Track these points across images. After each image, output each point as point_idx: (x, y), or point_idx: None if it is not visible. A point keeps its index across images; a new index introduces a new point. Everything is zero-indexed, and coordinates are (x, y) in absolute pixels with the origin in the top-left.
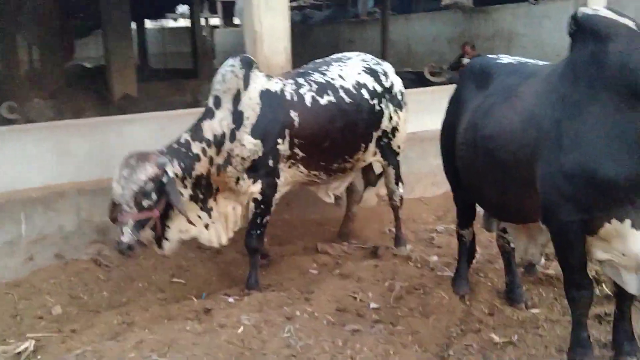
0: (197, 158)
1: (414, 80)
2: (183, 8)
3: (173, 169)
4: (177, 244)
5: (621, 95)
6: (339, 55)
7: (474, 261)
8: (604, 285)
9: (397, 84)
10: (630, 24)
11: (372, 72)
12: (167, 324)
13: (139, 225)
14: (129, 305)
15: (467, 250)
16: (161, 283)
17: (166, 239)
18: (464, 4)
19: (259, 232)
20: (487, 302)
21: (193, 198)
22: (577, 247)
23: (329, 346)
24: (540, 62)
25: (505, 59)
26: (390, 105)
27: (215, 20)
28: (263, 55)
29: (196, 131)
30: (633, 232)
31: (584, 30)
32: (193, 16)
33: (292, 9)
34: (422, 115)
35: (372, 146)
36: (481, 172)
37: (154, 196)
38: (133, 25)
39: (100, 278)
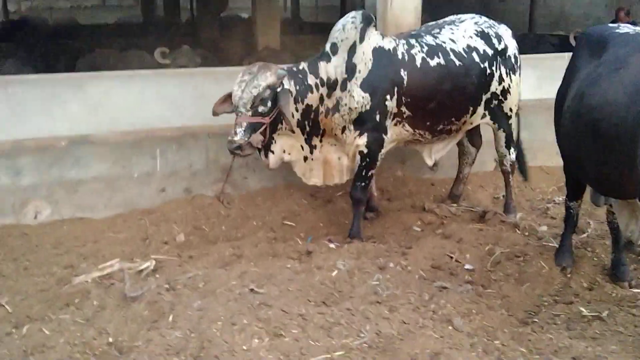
0: (309, 89)
1: (556, 45)
2: None
3: (289, 85)
4: (279, 159)
5: None
6: (453, 17)
7: (585, 235)
8: None
9: (511, 47)
10: None
11: (484, 35)
12: (271, 260)
13: (252, 128)
14: (242, 240)
15: (573, 222)
16: (274, 223)
17: (271, 152)
18: None
19: (363, 184)
20: (589, 276)
21: (300, 125)
22: None
23: (414, 298)
24: None
25: (624, 28)
26: (503, 68)
27: None
28: (392, 13)
29: (313, 66)
30: None
31: None
32: None
33: None
34: (553, 81)
35: (480, 109)
36: (583, 143)
37: (269, 103)
38: None
39: (221, 213)
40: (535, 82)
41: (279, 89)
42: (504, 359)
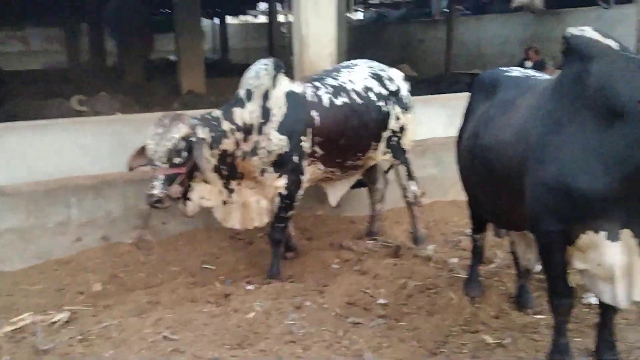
0: (224, 135)
1: (469, 83)
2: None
3: (203, 133)
4: (197, 206)
5: (599, 114)
6: (347, 62)
7: (493, 265)
8: None
9: (403, 88)
10: (613, 44)
11: (378, 77)
12: (188, 306)
13: (169, 180)
14: (160, 286)
15: (479, 254)
16: (193, 268)
17: (188, 199)
18: (536, 6)
19: (282, 225)
20: (496, 305)
21: (217, 170)
22: (558, 256)
23: (329, 335)
24: (544, 77)
25: (514, 72)
26: (397, 107)
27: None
28: (309, 59)
29: (227, 112)
30: (607, 244)
31: (571, 49)
32: (271, 12)
33: (370, 6)
34: (458, 119)
35: (382, 145)
36: (479, 180)
37: (184, 154)
38: (214, 21)
39: (139, 260)
40: (447, 120)
41: (193, 139)
42: None
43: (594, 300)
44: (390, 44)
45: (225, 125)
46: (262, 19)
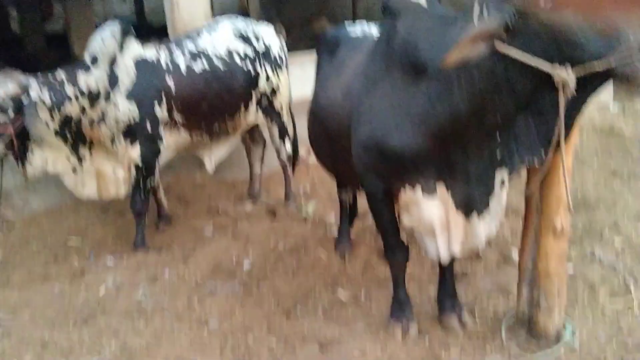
0: (67, 99)
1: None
2: None
3: (41, 95)
4: (38, 171)
5: (405, 71)
6: (210, 22)
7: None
8: None
9: (275, 46)
10: (423, 1)
11: (243, 37)
12: (38, 286)
13: None
14: (16, 266)
15: (346, 211)
16: (56, 245)
17: (29, 163)
18: None
19: (142, 196)
20: (363, 261)
21: (60, 135)
22: (385, 212)
23: (182, 306)
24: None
25: (355, 29)
26: (267, 67)
27: None
28: (181, 19)
29: (71, 75)
30: (423, 199)
31: (385, 8)
32: None
33: None
34: None
35: (252, 107)
36: (320, 140)
37: (10, 113)
38: None
39: None
40: None
41: (24, 99)
42: (251, 354)
43: None
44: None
45: (69, 90)
46: None
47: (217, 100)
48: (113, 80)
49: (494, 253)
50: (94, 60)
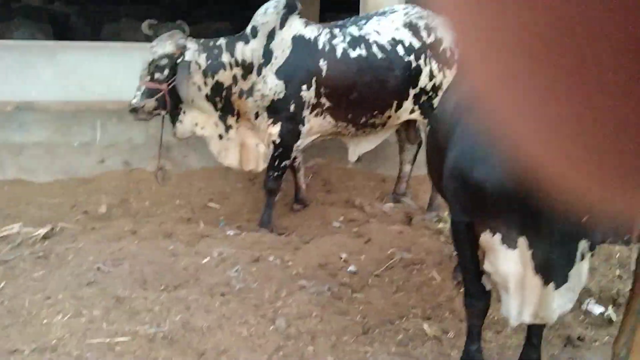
0: (222, 66)
1: None
2: None
3: (197, 58)
4: (188, 131)
5: None
6: (386, 8)
7: None
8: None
9: (446, 40)
10: None
11: (412, 27)
12: (157, 241)
13: (149, 93)
14: (152, 217)
15: None
16: (197, 205)
17: (180, 121)
18: None
19: (276, 174)
20: None
21: (211, 100)
22: (466, 250)
23: (269, 294)
24: None
25: None
26: (434, 63)
27: None
28: (374, 2)
29: (231, 44)
30: (502, 249)
31: None
32: None
33: None
34: None
35: (407, 103)
36: (430, 151)
37: (166, 71)
38: None
39: (152, 189)
40: None
41: (179, 59)
42: None
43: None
44: None
45: (225, 57)
46: None
47: (368, 91)
48: (267, 54)
49: None
50: (254, 32)
